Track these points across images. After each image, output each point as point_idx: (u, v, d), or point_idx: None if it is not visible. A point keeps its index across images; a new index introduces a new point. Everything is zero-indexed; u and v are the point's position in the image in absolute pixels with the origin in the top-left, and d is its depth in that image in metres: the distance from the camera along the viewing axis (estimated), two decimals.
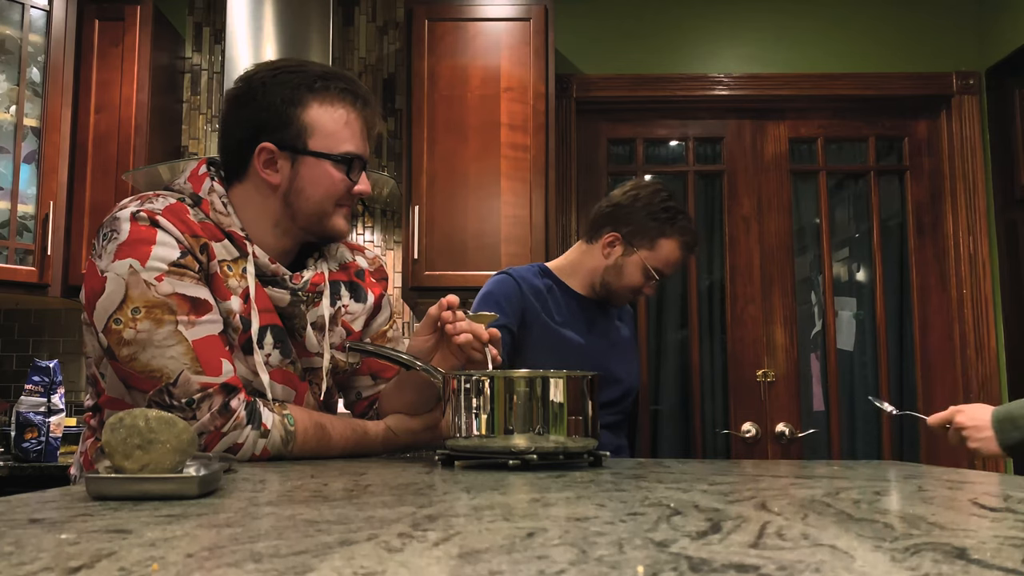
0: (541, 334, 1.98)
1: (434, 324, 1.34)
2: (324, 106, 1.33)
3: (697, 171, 3.72)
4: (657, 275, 2.09)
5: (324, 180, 1.33)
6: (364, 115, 1.37)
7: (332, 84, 1.34)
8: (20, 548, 0.51)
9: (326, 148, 1.32)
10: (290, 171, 1.33)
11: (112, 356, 1.21)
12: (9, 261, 3.04)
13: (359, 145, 1.36)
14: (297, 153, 1.32)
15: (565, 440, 1.13)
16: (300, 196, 1.33)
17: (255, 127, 1.32)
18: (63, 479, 2.65)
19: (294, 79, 1.33)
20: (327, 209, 1.35)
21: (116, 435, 0.81)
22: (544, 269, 2.16)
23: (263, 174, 1.32)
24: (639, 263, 2.07)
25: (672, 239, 2.07)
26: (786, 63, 3.64)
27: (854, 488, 0.84)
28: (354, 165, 1.35)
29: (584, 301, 2.12)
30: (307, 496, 0.80)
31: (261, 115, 1.32)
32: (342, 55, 3.65)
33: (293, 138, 1.32)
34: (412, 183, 3.21)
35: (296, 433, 1.26)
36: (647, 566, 0.44)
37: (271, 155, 1.32)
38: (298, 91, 1.32)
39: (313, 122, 1.32)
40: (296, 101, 1.32)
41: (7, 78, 3.08)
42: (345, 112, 1.34)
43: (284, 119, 1.31)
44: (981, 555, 0.47)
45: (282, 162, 1.32)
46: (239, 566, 0.46)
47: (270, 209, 1.34)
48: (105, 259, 1.21)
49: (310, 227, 1.36)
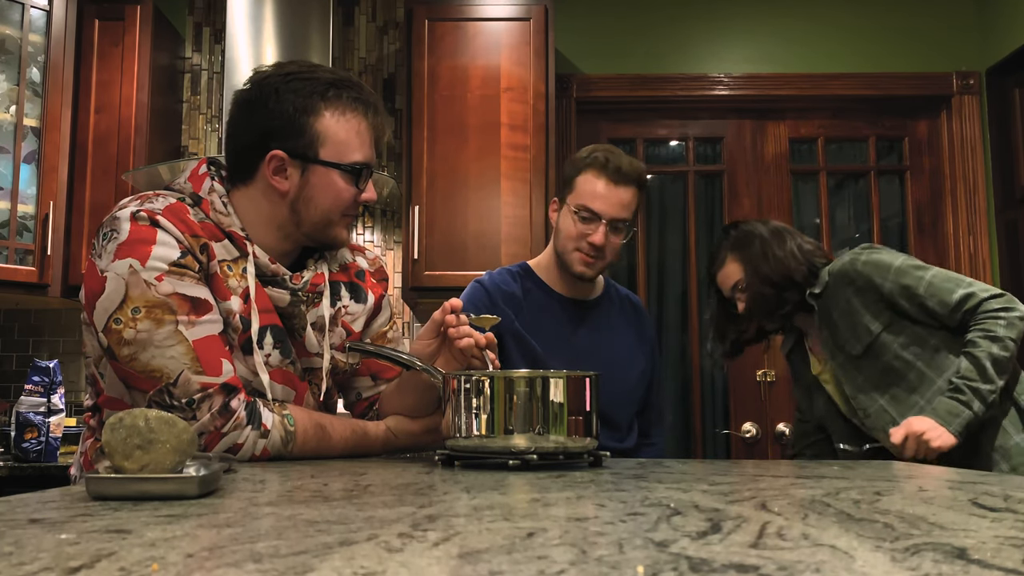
0: (513, 343, 1.89)
1: (437, 329, 1.34)
2: (336, 116, 1.32)
3: (697, 171, 3.72)
4: (585, 213, 1.89)
5: (333, 189, 1.33)
6: (374, 124, 1.37)
7: (345, 93, 1.33)
8: (20, 548, 0.51)
9: (337, 158, 1.32)
10: (299, 179, 1.32)
11: (112, 356, 1.21)
12: (9, 261, 3.04)
13: (368, 154, 1.36)
14: (308, 162, 1.32)
15: (565, 440, 1.13)
16: (308, 204, 1.33)
17: (265, 133, 1.32)
18: (63, 479, 2.65)
19: (307, 87, 1.32)
20: (333, 218, 1.35)
21: (116, 435, 0.81)
22: (525, 270, 2.05)
23: (272, 181, 1.32)
24: (568, 212, 1.93)
25: (585, 172, 1.91)
26: (786, 63, 3.64)
27: (854, 488, 0.84)
28: (362, 174, 1.35)
29: (565, 301, 2.01)
30: (307, 496, 0.80)
31: (273, 122, 1.31)
32: (342, 55, 3.65)
33: (304, 147, 1.31)
34: (412, 183, 3.21)
35: (296, 433, 1.26)
36: (647, 566, 0.44)
37: (281, 163, 1.32)
38: (311, 99, 1.31)
39: (325, 132, 1.32)
40: (308, 110, 1.31)
41: (7, 78, 3.08)
42: (356, 122, 1.34)
43: (296, 127, 1.31)
44: (981, 555, 0.47)
45: (292, 170, 1.32)
46: (239, 566, 0.46)
47: (276, 214, 1.34)
48: (105, 259, 1.21)
49: (314, 234, 1.36)
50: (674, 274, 3.73)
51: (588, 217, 1.89)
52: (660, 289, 3.70)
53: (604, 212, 1.88)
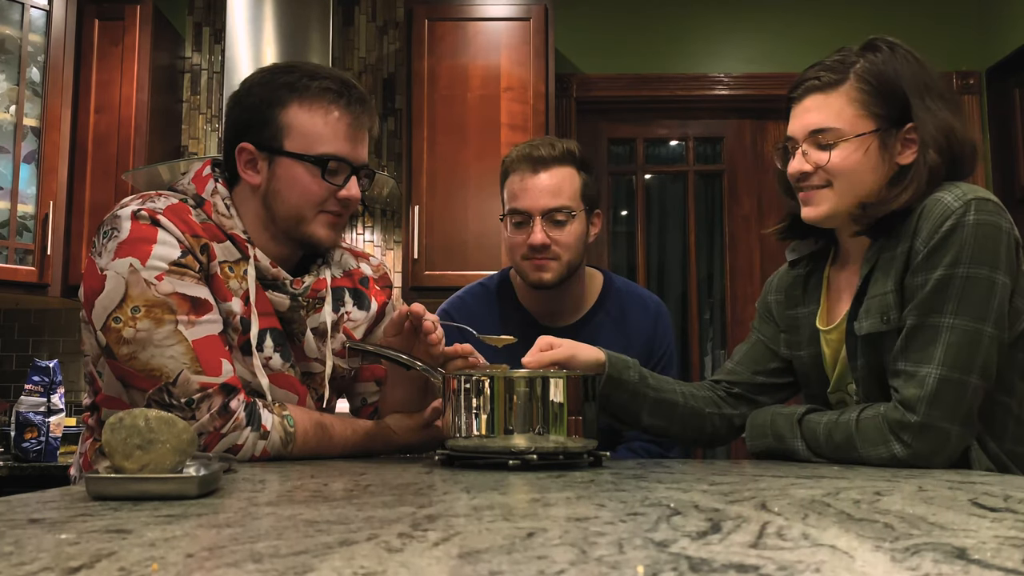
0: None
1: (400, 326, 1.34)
2: (303, 106, 1.28)
3: (697, 171, 3.72)
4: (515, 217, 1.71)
5: (299, 182, 1.29)
6: (350, 114, 1.30)
7: (315, 83, 1.29)
8: (20, 548, 0.51)
9: (301, 149, 1.28)
10: (267, 172, 1.30)
11: (110, 355, 1.21)
12: (9, 261, 3.04)
13: (342, 147, 1.29)
14: (273, 154, 1.29)
15: (565, 440, 1.13)
16: (276, 198, 1.30)
17: (239, 128, 1.32)
18: (63, 479, 2.65)
19: (279, 79, 1.30)
20: (305, 214, 1.30)
21: (116, 435, 0.81)
22: (502, 283, 1.86)
23: (244, 175, 1.31)
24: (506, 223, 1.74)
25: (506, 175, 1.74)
26: (786, 63, 3.63)
27: (854, 488, 0.84)
28: (333, 168, 1.29)
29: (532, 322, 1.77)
30: (307, 496, 0.80)
31: (243, 115, 1.31)
32: (342, 55, 3.65)
33: (270, 139, 1.29)
34: (412, 183, 3.21)
35: (296, 434, 1.26)
36: (647, 566, 0.44)
37: (252, 156, 1.30)
38: (280, 91, 1.29)
39: (290, 122, 1.28)
40: (276, 101, 1.29)
41: (7, 78, 3.08)
42: (325, 111, 1.29)
43: (262, 119, 1.29)
44: (981, 555, 0.47)
45: (261, 163, 1.30)
46: (239, 566, 0.46)
47: (256, 211, 1.32)
48: (105, 257, 1.21)
49: (290, 231, 1.32)
50: (674, 274, 3.73)
51: (520, 221, 1.70)
52: (660, 289, 3.69)
53: (532, 207, 1.68)
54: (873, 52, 1.33)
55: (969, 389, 1.18)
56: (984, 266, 1.19)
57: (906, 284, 1.24)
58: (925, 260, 1.21)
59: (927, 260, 1.21)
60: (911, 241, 1.24)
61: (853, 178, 1.29)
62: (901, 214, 1.26)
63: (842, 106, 1.30)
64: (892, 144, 1.29)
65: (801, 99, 1.35)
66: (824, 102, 1.31)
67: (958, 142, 1.28)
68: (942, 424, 1.17)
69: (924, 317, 1.21)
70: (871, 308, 1.28)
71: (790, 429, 1.33)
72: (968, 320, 1.18)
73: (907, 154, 1.29)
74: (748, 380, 1.50)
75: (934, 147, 1.26)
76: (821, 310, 1.43)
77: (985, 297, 1.19)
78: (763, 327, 1.54)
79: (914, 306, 1.22)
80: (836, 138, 1.29)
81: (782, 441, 1.34)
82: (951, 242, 1.19)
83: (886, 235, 1.28)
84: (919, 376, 1.19)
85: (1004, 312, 1.21)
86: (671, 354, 1.85)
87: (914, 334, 1.21)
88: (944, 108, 1.30)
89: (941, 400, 1.17)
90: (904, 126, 1.29)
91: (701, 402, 1.48)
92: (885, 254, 1.28)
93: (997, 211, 1.23)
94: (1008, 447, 1.26)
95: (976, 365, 1.18)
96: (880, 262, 1.28)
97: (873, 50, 1.33)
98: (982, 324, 1.18)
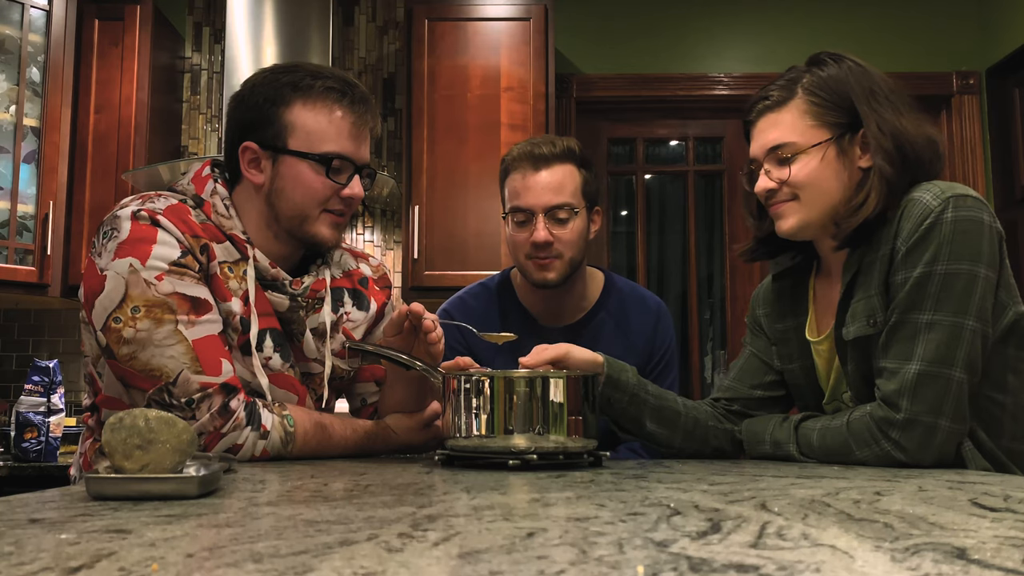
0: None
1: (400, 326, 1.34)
2: (307, 105, 1.29)
3: (697, 171, 3.72)
4: (517, 215, 1.70)
5: (303, 180, 1.29)
6: (353, 113, 1.31)
7: (319, 83, 1.30)
8: (20, 548, 0.51)
9: (306, 147, 1.29)
10: (271, 171, 1.30)
11: (110, 355, 1.21)
12: (9, 261, 3.04)
13: (345, 146, 1.31)
14: (277, 152, 1.30)
15: (565, 440, 1.13)
16: (281, 197, 1.30)
17: (242, 127, 1.32)
18: (63, 479, 2.65)
19: (283, 78, 1.31)
20: (309, 213, 1.31)
21: (116, 435, 0.81)
22: (503, 284, 1.85)
23: (247, 174, 1.31)
24: (508, 223, 1.74)
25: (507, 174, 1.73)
26: (786, 63, 3.60)
27: (854, 488, 0.84)
28: (337, 166, 1.30)
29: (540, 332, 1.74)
30: (307, 496, 0.80)
31: (246, 115, 1.31)
32: (342, 55, 3.65)
33: (273, 137, 1.29)
34: (412, 183, 3.21)
35: (296, 434, 1.26)
36: (647, 566, 0.44)
37: (255, 155, 1.31)
38: (283, 90, 1.30)
39: (294, 121, 1.29)
40: (279, 100, 1.29)
41: (7, 78, 3.08)
42: (328, 111, 1.30)
43: (266, 118, 1.30)
44: (981, 555, 0.47)
45: (264, 162, 1.31)
46: (239, 566, 0.46)
47: (261, 211, 1.32)
48: (105, 257, 1.21)
49: (293, 230, 1.32)
50: (674, 274, 3.73)
51: (522, 219, 1.70)
52: (660, 289, 3.69)
53: (534, 204, 1.68)
54: (819, 66, 1.37)
55: (953, 383, 1.18)
56: (964, 261, 1.20)
57: (889, 284, 1.25)
58: (905, 259, 1.23)
59: (907, 259, 1.22)
60: (893, 243, 1.25)
61: (817, 187, 1.31)
62: (877, 221, 1.28)
63: (794, 120, 1.33)
64: (850, 150, 1.31)
65: (756, 121, 1.39)
66: (777, 119, 1.35)
67: (908, 141, 1.29)
68: (926, 418, 1.18)
69: (904, 315, 1.22)
70: (857, 312, 1.29)
71: (787, 435, 1.34)
72: (948, 315, 1.19)
73: (867, 158, 1.31)
74: (746, 395, 1.50)
75: (880, 148, 1.28)
76: (810, 321, 1.44)
77: (966, 291, 1.19)
78: (755, 341, 1.54)
79: (895, 304, 1.23)
80: (793, 151, 1.32)
81: (779, 447, 1.34)
82: (930, 239, 1.21)
83: (867, 243, 1.30)
84: (900, 372, 1.20)
85: (988, 306, 1.22)
86: (672, 354, 1.85)
87: (895, 332, 1.23)
88: (890, 110, 1.32)
89: (922, 394, 1.18)
90: (859, 131, 1.31)
91: (703, 415, 1.47)
92: (868, 258, 1.29)
93: (977, 206, 1.24)
94: (1005, 444, 1.26)
95: (958, 359, 1.18)
96: (863, 267, 1.30)
97: (819, 64, 1.37)
98: (963, 318, 1.19)
